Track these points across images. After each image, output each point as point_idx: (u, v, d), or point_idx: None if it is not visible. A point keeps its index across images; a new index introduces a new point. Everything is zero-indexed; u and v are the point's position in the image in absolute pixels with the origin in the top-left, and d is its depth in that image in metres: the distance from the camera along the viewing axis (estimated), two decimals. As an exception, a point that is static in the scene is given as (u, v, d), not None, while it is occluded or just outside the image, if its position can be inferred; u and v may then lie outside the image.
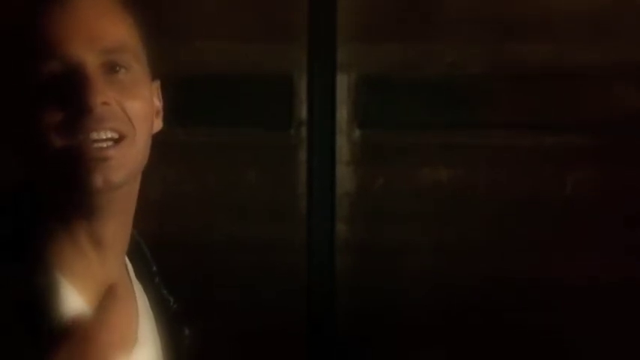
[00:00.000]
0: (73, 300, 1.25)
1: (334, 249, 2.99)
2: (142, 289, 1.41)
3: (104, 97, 1.23)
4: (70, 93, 1.22)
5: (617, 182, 2.97)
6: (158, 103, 1.38)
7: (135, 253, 1.42)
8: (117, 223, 1.30)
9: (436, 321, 2.99)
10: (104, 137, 1.24)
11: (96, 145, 1.23)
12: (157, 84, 1.38)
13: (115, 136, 1.25)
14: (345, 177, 3.01)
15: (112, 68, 1.26)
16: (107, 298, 1.26)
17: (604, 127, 2.98)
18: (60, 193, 1.26)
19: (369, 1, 3.00)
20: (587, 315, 2.95)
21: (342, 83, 3.00)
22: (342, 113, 3.00)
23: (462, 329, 2.99)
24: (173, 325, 1.42)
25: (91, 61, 1.24)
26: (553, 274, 2.96)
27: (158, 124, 1.37)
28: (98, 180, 1.23)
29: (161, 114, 1.39)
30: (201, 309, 2.67)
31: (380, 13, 2.99)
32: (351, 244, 3.00)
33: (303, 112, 3.00)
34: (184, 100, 2.82)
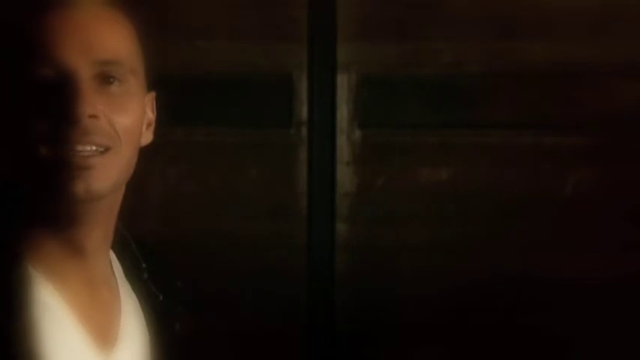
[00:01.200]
0: (51, 298, 1.25)
1: (334, 248, 2.99)
2: (129, 289, 1.40)
3: (93, 109, 1.22)
4: (59, 102, 1.21)
5: (617, 181, 2.97)
6: (151, 115, 1.37)
7: (123, 250, 1.41)
8: (98, 233, 1.30)
9: (436, 320, 2.99)
10: (88, 149, 1.23)
11: (80, 154, 1.22)
12: (151, 95, 1.36)
13: (100, 149, 1.24)
14: (345, 177, 3.01)
15: (105, 80, 1.25)
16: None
17: (604, 125, 2.98)
18: (43, 200, 1.25)
19: (368, 1, 3.00)
20: (587, 312, 2.95)
21: (342, 83, 3.00)
22: (343, 113, 3.00)
23: (461, 328, 3.00)
24: (163, 320, 1.41)
25: (84, 71, 1.23)
26: (553, 273, 2.96)
27: (147, 137, 1.36)
28: (80, 189, 1.22)
29: (152, 126, 1.37)
30: (201, 308, 2.67)
31: (380, 12, 2.99)
32: (351, 243, 3.01)
33: (303, 112, 3.00)
34: (184, 100, 2.82)
